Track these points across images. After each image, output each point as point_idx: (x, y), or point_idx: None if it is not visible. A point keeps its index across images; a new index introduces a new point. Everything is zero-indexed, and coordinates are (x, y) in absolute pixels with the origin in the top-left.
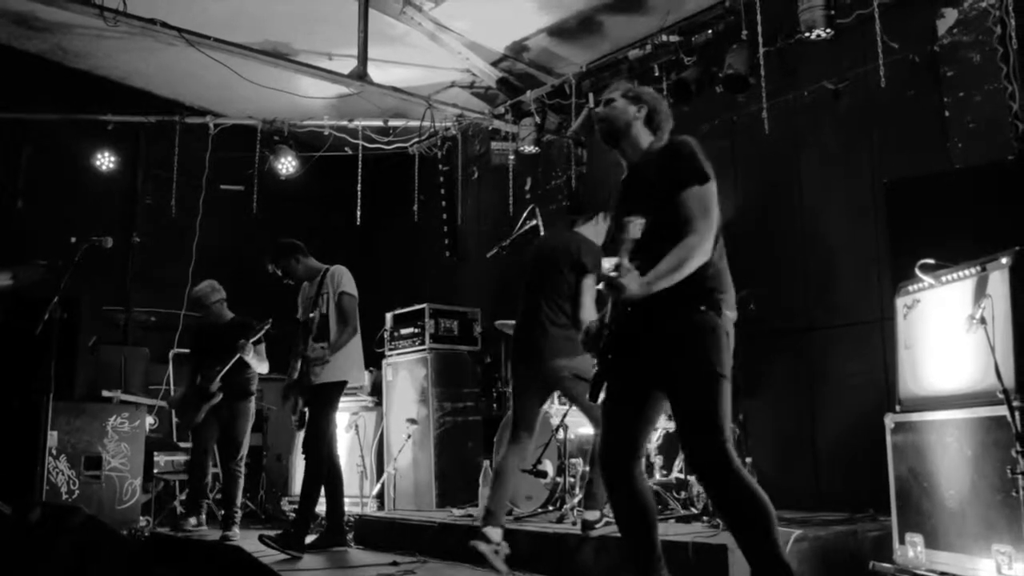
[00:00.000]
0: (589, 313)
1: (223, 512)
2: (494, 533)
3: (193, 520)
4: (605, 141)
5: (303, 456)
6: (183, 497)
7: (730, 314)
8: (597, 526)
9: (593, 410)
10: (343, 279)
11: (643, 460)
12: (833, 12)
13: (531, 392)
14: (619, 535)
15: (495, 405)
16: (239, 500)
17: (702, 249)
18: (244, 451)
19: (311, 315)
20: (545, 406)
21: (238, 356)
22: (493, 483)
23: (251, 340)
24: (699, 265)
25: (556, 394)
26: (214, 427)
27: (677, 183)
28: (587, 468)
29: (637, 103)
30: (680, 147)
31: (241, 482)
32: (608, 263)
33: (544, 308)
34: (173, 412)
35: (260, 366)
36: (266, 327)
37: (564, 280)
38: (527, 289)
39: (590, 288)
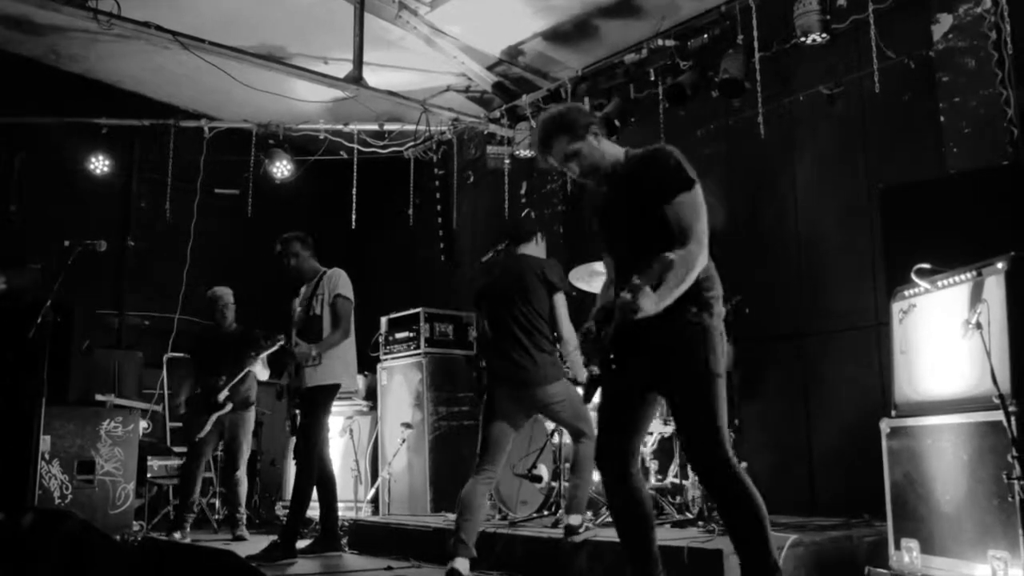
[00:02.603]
0: (568, 327)
1: (227, 514)
2: (463, 565)
3: (178, 534)
4: (590, 178)
5: (294, 461)
6: (176, 502)
7: (719, 310)
8: (580, 530)
9: (574, 425)
10: (340, 282)
11: (639, 461)
12: (828, 17)
13: (510, 417)
14: (606, 540)
15: None
16: (243, 503)
17: (704, 255)
18: (243, 464)
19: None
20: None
21: (247, 370)
22: (462, 513)
23: (262, 355)
24: (701, 269)
25: None
26: (215, 438)
27: (666, 192)
28: (571, 474)
29: (586, 130)
30: (665, 157)
31: (243, 488)
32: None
33: (522, 336)
34: (169, 419)
35: (263, 374)
36: (279, 343)
37: (536, 304)
38: (494, 322)
39: (563, 303)
